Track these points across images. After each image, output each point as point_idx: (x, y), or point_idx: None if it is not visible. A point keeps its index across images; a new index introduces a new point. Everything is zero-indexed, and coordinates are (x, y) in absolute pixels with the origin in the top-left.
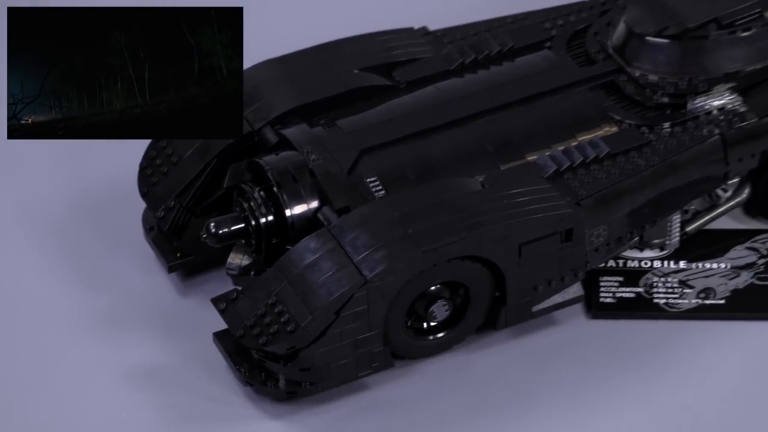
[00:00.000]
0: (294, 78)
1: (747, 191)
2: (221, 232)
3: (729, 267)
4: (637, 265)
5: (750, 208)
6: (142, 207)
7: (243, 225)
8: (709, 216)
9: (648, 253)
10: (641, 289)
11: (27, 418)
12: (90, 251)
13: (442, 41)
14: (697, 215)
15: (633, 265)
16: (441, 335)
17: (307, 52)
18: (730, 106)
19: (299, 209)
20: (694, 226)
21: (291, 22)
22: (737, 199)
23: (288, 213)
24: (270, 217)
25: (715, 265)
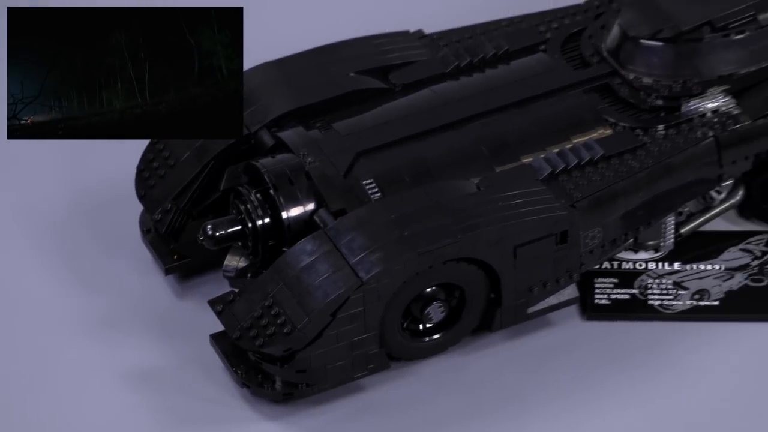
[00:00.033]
0: (290, 81)
1: (741, 193)
2: (218, 234)
3: (723, 268)
4: (632, 267)
5: (744, 210)
6: (139, 209)
7: (240, 227)
8: (704, 218)
9: (642, 255)
10: (636, 291)
11: (23, 419)
12: (87, 253)
13: (437, 44)
14: (692, 217)
15: (628, 267)
16: (437, 337)
17: (303, 55)
18: (723, 108)
19: (295, 211)
20: (688, 227)
21: (288, 24)
22: (731, 201)
23: (284, 215)
24: (266, 220)
25: (710, 267)
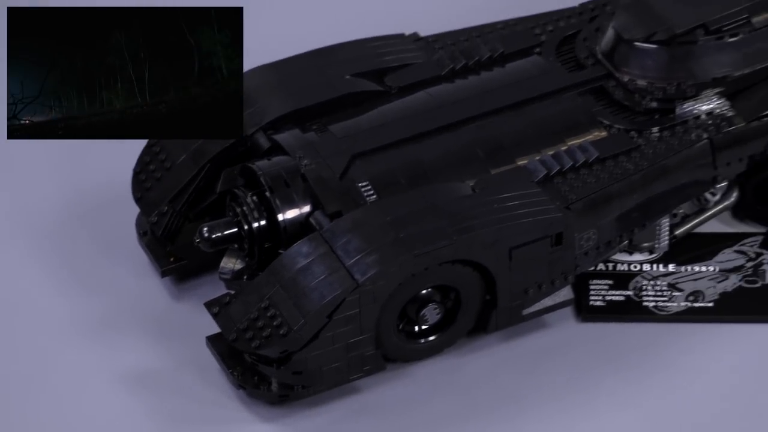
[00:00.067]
0: (286, 83)
1: (735, 195)
2: (214, 236)
3: (717, 270)
4: (627, 269)
5: (738, 211)
6: (135, 212)
7: (236, 229)
8: (698, 219)
9: (637, 257)
10: (631, 292)
11: (20, 420)
12: (84, 255)
13: (433, 47)
14: (686, 219)
15: (622, 269)
16: (432, 338)
17: (300, 57)
18: (718, 110)
19: (291, 214)
20: (683, 229)
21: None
22: (725, 203)
23: (280, 217)
24: (263, 222)
25: (704, 268)
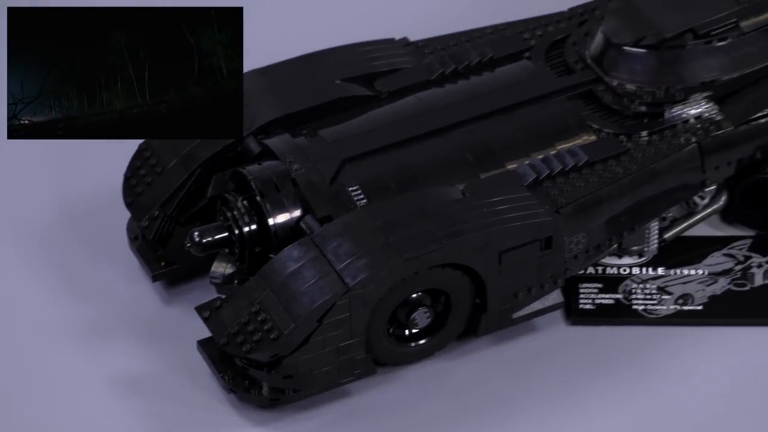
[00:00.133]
0: (276, 88)
1: (724, 199)
2: (205, 241)
3: (706, 273)
4: (616, 272)
5: (727, 215)
6: (126, 216)
7: (226, 234)
8: (687, 223)
9: (627, 260)
10: (620, 296)
11: (10, 426)
12: (74, 260)
13: (422, 52)
14: (675, 222)
15: (612, 272)
16: (422, 342)
17: (290, 62)
18: (706, 114)
19: (282, 218)
20: (672, 233)
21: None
22: (714, 207)
23: (271, 222)
24: (253, 226)
25: (693, 272)
